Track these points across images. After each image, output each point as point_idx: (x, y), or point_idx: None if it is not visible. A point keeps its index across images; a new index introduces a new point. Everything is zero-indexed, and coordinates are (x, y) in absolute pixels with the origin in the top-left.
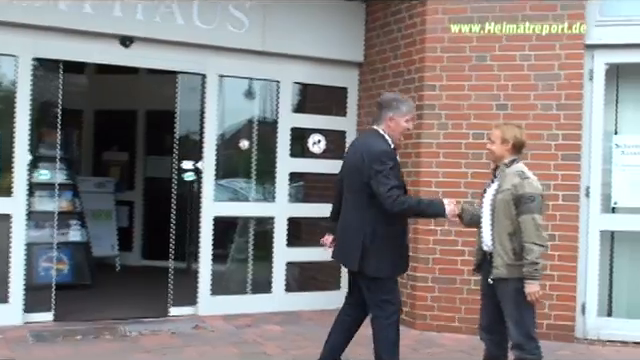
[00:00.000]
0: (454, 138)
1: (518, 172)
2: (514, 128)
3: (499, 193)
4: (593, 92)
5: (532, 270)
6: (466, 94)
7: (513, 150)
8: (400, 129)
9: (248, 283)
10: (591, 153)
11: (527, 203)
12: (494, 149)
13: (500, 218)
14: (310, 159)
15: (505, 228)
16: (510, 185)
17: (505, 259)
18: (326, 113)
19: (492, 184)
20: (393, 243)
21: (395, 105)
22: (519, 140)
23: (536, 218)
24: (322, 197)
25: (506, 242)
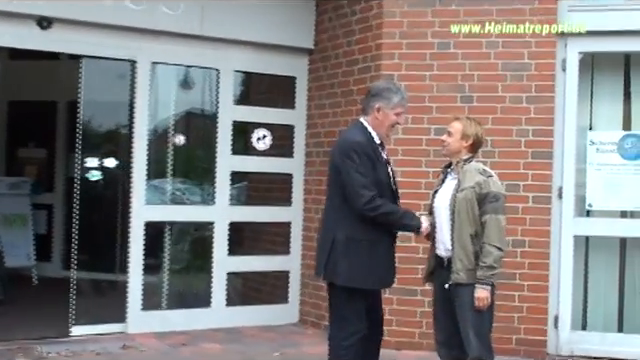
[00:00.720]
0: (414, 134)
1: (479, 169)
2: (477, 126)
3: (459, 192)
4: (566, 84)
5: (488, 275)
6: (427, 85)
7: (471, 148)
8: (388, 122)
9: (184, 296)
10: (564, 151)
11: (492, 202)
12: (451, 142)
13: (462, 218)
14: (254, 157)
15: (467, 229)
16: (473, 183)
17: (466, 263)
18: (272, 105)
19: (445, 182)
20: (372, 250)
21: (385, 95)
22: (480, 139)
23: (500, 219)
24: (268, 199)
25: (468, 245)
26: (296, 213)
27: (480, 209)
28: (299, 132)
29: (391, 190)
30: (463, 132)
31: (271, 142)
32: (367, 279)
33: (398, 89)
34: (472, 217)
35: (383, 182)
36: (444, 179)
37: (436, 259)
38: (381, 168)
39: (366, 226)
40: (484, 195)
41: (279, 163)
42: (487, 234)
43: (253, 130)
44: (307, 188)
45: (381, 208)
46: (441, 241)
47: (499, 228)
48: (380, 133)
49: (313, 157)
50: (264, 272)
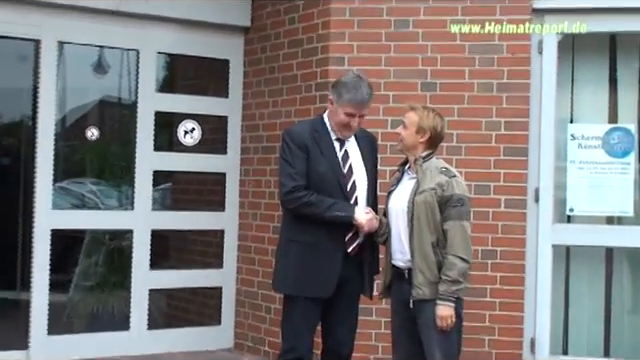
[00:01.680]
0: (368, 126)
1: (441, 169)
2: (436, 117)
3: (418, 194)
4: (543, 69)
5: (452, 290)
6: (383, 70)
7: (429, 143)
8: (337, 119)
9: (98, 318)
10: (541, 146)
11: (456, 207)
12: (405, 136)
13: (421, 224)
14: (181, 153)
15: (427, 237)
16: (434, 184)
17: (428, 275)
18: (202, 93)
19: (402, 182)
20: (306, 254)
21: (338, 89)
22: (438, 133)
23: (465, 226)
24: (197, 203)
25: (429, 254)
26: (230, 219)
27: (442, 214)
28: (233, 125)
29: (341, 190)
30: (419, 124)
31: (200, 136)
32: (297, 285)
33: (356, 87)
34: (433, 223)
35: (325, 177)
36: (400, 178)
37: (394, 271)
38: (322, 161)
39: (303, 226)
40: (447, 198)
41: (210, 161)
42: (450, 243)
43: (179, 122)
44: (243, 190)
45: (304, 198)
46: (399, 250)
47: (464, 236)
48: (336, 129)
49: (250, 154)
50: (193, 289)
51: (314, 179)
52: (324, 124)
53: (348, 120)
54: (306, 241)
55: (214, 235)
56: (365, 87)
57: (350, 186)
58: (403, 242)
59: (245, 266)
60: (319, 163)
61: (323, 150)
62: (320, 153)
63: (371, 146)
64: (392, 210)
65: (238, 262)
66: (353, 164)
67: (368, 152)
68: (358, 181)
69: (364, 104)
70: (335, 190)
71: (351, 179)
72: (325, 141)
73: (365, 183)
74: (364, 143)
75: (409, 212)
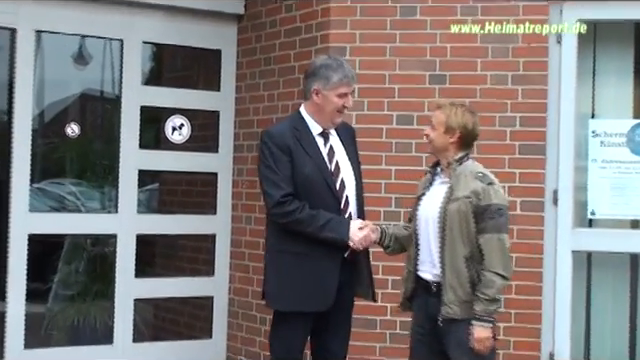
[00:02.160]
0: (371, 122)
1: (477, 174)
2: (465, 113)
3: (452, 201)
4: (562, 60)
5: (490, 310)
6: (388, 60)
7: (460, 143)
8: (330, 107)
9: (79, 330)
10: (560, 144)
11: (494, 218)
12: (434, 138)
13: (454, 236)
14: (168, 151)
15: (460, 250)
16: (469, 192)
17: (460, 293)
18: (191, 86)
19: (434, 186)
20: (296, 265)
21: (322, 73)
22: (470, 131)
23: (504, 240)
24: (186, 206)
25: (462, 270)
26: (222, 223)
27: (477, 225)
28: (226, 120)
29: (329, 190)
30: (447, 124)
31: (190, 133)
32: (293, 300)
33: (340, 65)
34: (467, 235)
35: (311, 178)
36: (432, 181)
37: (418, 282)
38: (308, 161)
39: (292, 234)
40: (483, 208)
41: (200, 160)
42: (488, 258)
43: (167, 118)
44: (236, 191)
45: (294, 214)
46: (428, 261)
47: (503, 250)
48: (323, 121)
49: (244, 152)
50: (181, 298)
51: (300, 182)
52: (303, 120)
53: (342, 102)
54: (297, 251)
55: (205, 240)
56: (345, 62)
57: (339, 185)
58: (433, 254)
59: (238, 274)
60: (304, 164)
61: (307, 149)
62: (304, 152)
63: (352, 138)
64: (421, 217)
65: (231, 270)
66: (339, 160)
67: (350, 145)
68: (346, 178)
69: (355, 78)
70: (323, 191)
71: (339, 177)
72: (307, 139)
73: (353, 180)
74: (345, 135)
75: (440, 221)
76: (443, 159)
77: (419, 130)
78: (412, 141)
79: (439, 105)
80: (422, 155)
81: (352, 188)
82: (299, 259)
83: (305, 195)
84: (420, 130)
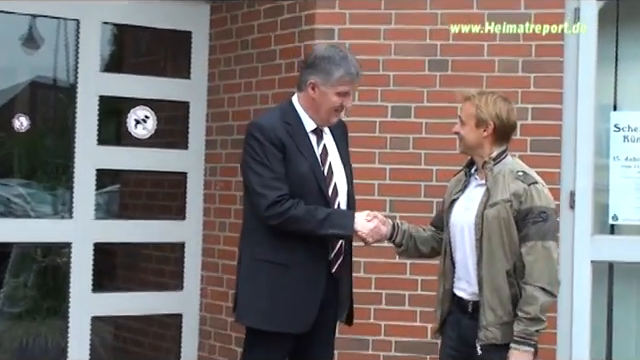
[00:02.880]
0: (363, 114)
1: (517, 173)
2: (497, 102)
3: (489, 207)
4: (580, 44)
5: (530, 331)
6: (382, 44)
7: (495, 137)
8: (327, 105)
9: (28, 352)
10: (577, 139)
11: (537, 222)
12: (464, 135)
13: (493, 247)
14: (131, 148)
15: (501, 263)
16: (509, 194)
17: (500, 314)
18: (157, 73)
19: (468, 189)
20: (282, 277)
21: (322, 67)
22: (505, 123)
23: (550, 248)
24: (151, 210)
25: (503, 286)
26: (192, 230)
27: (519, 232)
28: (197, 112)
29: (322, 196)
30: (477, 116)
31: (156, 127)
32: (268, 317)
33: (344, 58)
34: (509, 245)
35: (306, 178)
36: (467, 184)
37: (454, 301)
38: (302, 161)
39: (274, 241)
40: (525, 212)
41: (168, 157)
42: (530, 270)
43: (129, 109)
44: (209, 194)
45: (290, 211)
46: (464, 278)
47: (548, 261)
48: (317, 118)
49: (217, 148)
50: (146, 316)
51: (293, 184)
52: (295, 113)
53: (341, 101)
54: (279, 261)
55: (172, 249)
56: (350, 54)
57: (331, 191)
58: (469, 268)
59: (211, 288)
60: (299, 163)
61: (300, 146)
62: (297, 150)
63: (344, 135)
64: (455, 225)
65: (202, 283)
66: (333, 163)
67: (343, 144)
68: (339, 183)
69: (359, 75)
70: (315, 197)
71: (332, 181)
72: (300, 135)
73: (345, 185)
74: (338, 133)
75: (477, 230)
76: (478, 158)
77: (417, 123)
78: (409, 136)
79: (466, 96)
80: (420, 152)
81: (344, 195)
82: (279, 271)
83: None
84: (418, 123)
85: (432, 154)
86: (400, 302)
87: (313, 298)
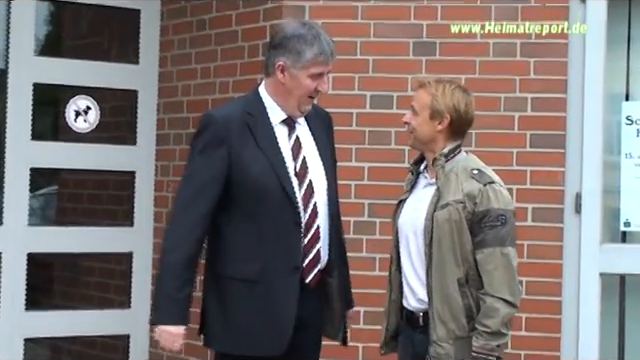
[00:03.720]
0: (338, 105)
1: (472, 171)
2: (455, 92)
3: (440, 208)
4: (588, 24)
5: (491, 346)
6: (360, 24)
7: (450, 131)
8: (299, 91)
9: None
10: (584, 134)
11: (495, 227)
12: (416, 126)
13: (443, 253)
14: (71, 144)
15: (452, 271)
16: (462, 195)
17: (452, 327)
18: (101, 57)
19: (417, 189)
20: (252, 294)
21: (292, 46)
22: (462, 116)
23: (509, 255)
24: (94, 215)
25: (455, 297)
26: (142, 238)
27: (474, 238)
28: (146, 102)
29: (286, 198)
30: (432, 106)
31: (99, 119)
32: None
33: (316, 36)
34: (460, 252)
35: (263, 184)
36: (415, 183)
37: (403, 315)
38: (259, 159)
39: (240, 253)
40: (480, 215)
41: (113, 154)
42: (489, 280)
43: (68, 99)
44: (160, 196)
45: (173, 254)
46: (411, 287)
47: (508, 269)
48: (288, 106)
49: (170, 144)
50: (88, 338)
51: (246, 188)
52: (260, 102)
53: (316, 84)
54: (246, 277)
55: (118, 261)
56: (324, 32)
57: (305, 190)
58: (419, 276)
59: None
60: (251, 162)
61: (260, 141)
62: (255, 146)
63: (327, 127)
64: (403, 229)
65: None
66: (308, 157)
67: (323, 136)
68: (316, 182)
69: (334, 55)
70: (278, 201)
71: (306, 178)
72: (263, 128)
73: (325, 183)
74: (317, 124)
75: (426, 234)
76: (429, 153)
77: (400, 115)
78: (391, 129)
79: (421, 83)
80: (404, 148)
81: (323, 194)
82: (249, 288)
83: (252, 206)
84: (402, 115)
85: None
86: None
87: (285, 315)
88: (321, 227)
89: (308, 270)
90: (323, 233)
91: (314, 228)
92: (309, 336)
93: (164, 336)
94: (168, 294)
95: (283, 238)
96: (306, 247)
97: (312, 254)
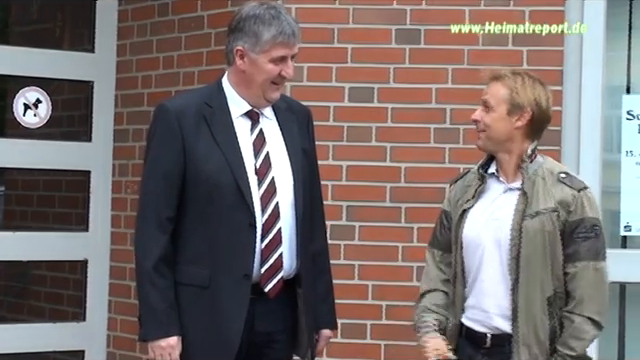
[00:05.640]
0: (313, 98)
1: (560, 175)
2: (536, 85)
3: (529, 217)
4: (585, 10)
5: None
6: (337, 10)
7: (530, 128)
8: (260, 77)
9: None
10: (581, 130)
11: (590, 239)
12: (490, 123)
13: (533, 269)
14: (19, 140)
15: (544, 288)
16: (554, 202)
17: (536, 352)
18: (52, 45)
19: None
20: (200, 301)
21: (249, 28)
22: (544, 112)
23: (603, 270)
24: (45, 219)
25: (542, 317)
26: (98, 244)
27: (566, 250)
28: (103, 95)
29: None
30: (512, 100)
31: (50, 113)
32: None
33: (275, 16)
34: (552, 266)
35: (216, 181)
36: (481, 189)
37: (463, 335)
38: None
39: (188, 256)
40: (574, 225)
41: (66, 152)
42: (579, 297)
43: (17, 91)
44: (118, 198)
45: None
46: (478, 306)
47: (601, 286)
48: (251, 96)
49: (129, 141)
50: (38, 354)
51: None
52: (222, 93)
53: (279, 69)
54: (194, 282)
55: (72, 269)
56: (285, 12)
57: (264, 190)
58: (495, 293)
59: (121, 317)
60: (207, 157)
61: (217, 135)
62: (211, 140)
63: (303, 124)
64: (475, 242)
65: (110, 312)
66: (272, 153)
67: (295, 133)
68: (280, 179)
69: (295, 35)
70: (231, 199)
71: (267, 175)
72: (222, 121)
73: (291, 181)
74: (288, 118)
75: (513, 246)
76: (504, 154)
77: (381, 109)
78: (372, 125)
79: (496, 75)
80: (386, 145)
81: (288, 194)
82: (197, 294)
83: (205, 206)
84: (383, 109)
85: (400, 148)
86: (360, 334)
87: (232, 326)
88: (284, 230)
89: (267, 278)
90: (287, 237)
91: (274, 231)
92: (277, 352)
93: (157, 352)
94: (151, 306)
95: (235, 241)
96: (264, 252)
97: (272, 260)
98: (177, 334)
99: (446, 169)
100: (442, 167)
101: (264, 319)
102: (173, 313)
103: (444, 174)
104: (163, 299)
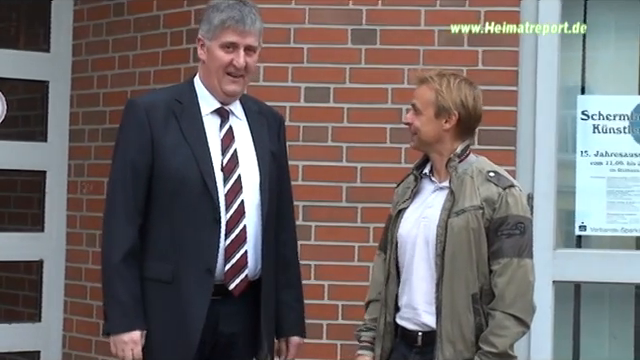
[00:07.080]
0: (270, 98)
1: (489, 173)
2: (462, 86)
3: (455, 215)
4: (540, 9)
5: None
6: (293, 10)
7: (459, 130)
8: (214, 65)
9: None
10: (537, 130)
11: (514, 235)
12: (420, 126)
13: (458, 266)
14: None
15: (468, 285)
16: (480, 200)
17: (460, 348)
18: (7, 45)
19: (421, 196)
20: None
21: (206, 16)
22: (471, 112)
23: (527, 267)
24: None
25: (467, 314)
26: (53, 245)
27: (491, 247)
28: (58, 95)
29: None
30: (438, 103)
31: (5, 113)
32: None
33: (232, 6)
34: (477, 263)
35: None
36: (416, 189)
37: (398, 335)
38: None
39: (152, 252)
40: (499, 222)
41: (21, 152)
42: (502, 293)
43: None
44: (74, 198)
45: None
46: (410, 304)
47: (524, 283)
48: (214, 89)
49: (84, 141)
50: None
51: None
52: (192, 90)
53: (230, 58)
54: (158, 277)
55: (27, 270)
56: (250, 4)
57: (230, 187)
58: (421, 291)
59: (77, 318)
60: (174, 152)
61: (185, 130)
62: (180, 135)
63: (273, 128)
64: (406, 240)
65: (66, 312)
66: (240, 150)
67: (265, 135)
68: (246, 177)
69: (246, 22)
70: (197, 195)
71: (233, 175)
72: (190, 116)
73: (257, 179)
74: (258, 120)
75: (439, 243)
76: (435, 155)
77: (337, 109)
78: (328, 125)
79: (422, 78)
80: (342, 145)
81: (255, 193)
82: (160, 289)
83: (170, 200)
84: (339, 109)
85: (356, 148)
86: (317, 334)
87: (192, 322)
88: (249, 228)
89: (231, 275)
90: (252, 236)
91: (239, 228)
92: (239, 354)
93: (119, 346)
94: (118, 299)
95: (199, 237)
96: (229, 249)
97: (236, 258)
98: (142, 328)
99: (402, 169)
100: (398, 167)
101: (229, 320)
102: (139, 307)
103: (400, 174)
104: (130, 292)
